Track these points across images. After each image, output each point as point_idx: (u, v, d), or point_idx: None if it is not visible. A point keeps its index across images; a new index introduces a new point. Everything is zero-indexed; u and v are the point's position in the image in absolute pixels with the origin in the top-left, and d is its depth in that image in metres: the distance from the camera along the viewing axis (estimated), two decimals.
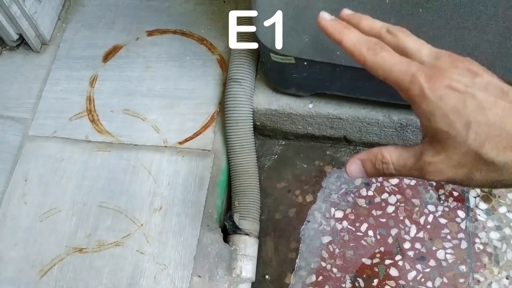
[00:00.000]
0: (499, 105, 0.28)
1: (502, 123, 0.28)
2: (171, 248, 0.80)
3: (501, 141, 0.28)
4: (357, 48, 0.33)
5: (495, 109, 0.28)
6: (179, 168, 0.86)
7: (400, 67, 0.31)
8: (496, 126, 0.28)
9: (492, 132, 0.28)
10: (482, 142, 0.28)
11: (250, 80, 0.88)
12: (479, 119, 0.28)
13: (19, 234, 0.83)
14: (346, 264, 0.86)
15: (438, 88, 0.29)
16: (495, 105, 0.28)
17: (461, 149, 0.29)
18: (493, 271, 0.84)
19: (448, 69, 0.30)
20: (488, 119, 0.28)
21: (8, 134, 0.93)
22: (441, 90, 0.29)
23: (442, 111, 0.29)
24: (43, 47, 1.02)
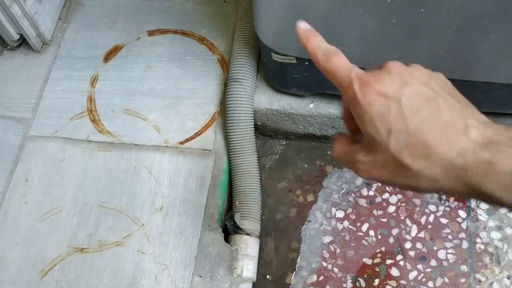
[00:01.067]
0: (420, 114, 0.29)
1: (419, 132, 0.29)
2: (172, 248, 0.80)
3: (416, 149, 0.29)
4: (314, 52, 0.36)
5: (416, 117, 0.29)
6: (180, 168, 0.86)
7: (343, 72, 0.33)
8: (413, 134, 0.29)
9: (410, 140, 0.29)
10: (401, 149, 0.30)
11: (251, 80, 0.88)
12: (399, 127, 0.30)
13: (20, 234, 0.83)
14: (347, 264, 0.86)
15: (368, 94, 0.31)
16: (416, 113, 0.29)
17: (384, 154, 0.31)
18: (494, 271, 0.84)
19: (383, 76, 0.31)
20: (408, 127, 0.29)
21: (9, 134, 0.93)
22: (371, 96, 0.31)
23: (370, 115, 0.31)
24: (44, 47, 1.02)
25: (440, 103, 0.30)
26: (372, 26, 0.65)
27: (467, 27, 0.62)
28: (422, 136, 0.29)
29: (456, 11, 0.60)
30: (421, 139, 0.29)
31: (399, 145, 0.30)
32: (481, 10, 0.59)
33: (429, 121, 0.29)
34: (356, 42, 0.69)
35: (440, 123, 0.29)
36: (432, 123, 0.29)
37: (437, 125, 0.29)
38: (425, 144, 0.29)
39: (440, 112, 0.30)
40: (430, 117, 0.29)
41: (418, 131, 0.29)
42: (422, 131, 0.29)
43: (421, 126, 0.29)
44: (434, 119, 0.29)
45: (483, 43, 0.64)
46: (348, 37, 0.68)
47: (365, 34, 0.67)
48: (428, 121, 0.29)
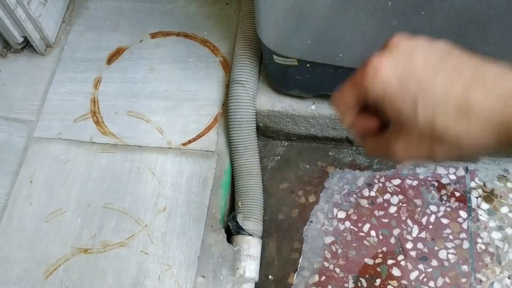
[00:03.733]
0: (443, 69, 0.27)
1: (446, 91, 0.27)
2: (175, 249, 0.81)
3: (448, 112, 0.27)
4: None
5: (439, 76, 0.27)
6: (183, 169, 0.87)
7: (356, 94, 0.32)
8: (440, 96, 0.27)
9: (439, 104, 0.27)
10: (432, 118, 0.28)
11: (253, 82, 0.89)
12: (424, 96, 0.27)
13: (25, 235, 0.84)
14: (349, 264, 0.87)
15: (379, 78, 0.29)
16: (436, 76, 0.27)
17: (417, 128, 0.29)
18: (495, 271, 0.84)
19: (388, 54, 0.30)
20: (433, 90, 0.27)
21: (13, 136, 0.94)
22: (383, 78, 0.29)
23: (388, 96, 0.29)
24: (47, 50, 1.03)
25: (457, 54, 0.28)
26: (373, 28, 0.66)
27: (466, 29, 0.62)
28: (450, 95, 0.26)
29: (455, 14, 0.60)
30: (450, 98, 0.26)
31: (429, 113, 0.27)
32: (480, 13, 0.60)
33: (454, 76, 0.27)
34: (357, 45, 0.69)
35: (467, 75, 0.27)
36: (457, 77, 0.27)
37: (464, 78, 0.27)
38: (457, 103, 0.26)
39: (462, 64, 0.27)
40: (454, 71, 0.27)
41: (444, 90, 0.27)
42: (449, 89, 0.27)
43: (446, 83, 0.27)
44: (458, 73, 0.27)
45: (482, 45, 0.65)
46: (349, 39, 0.69)
47: (366, 36, 0.68)
48: (453, 76, 0.27)
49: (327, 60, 0.74)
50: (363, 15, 0.64)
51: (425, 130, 0.28)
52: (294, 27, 0.70)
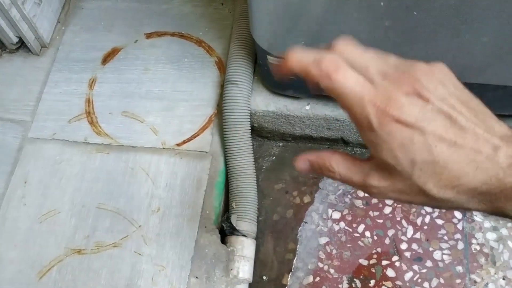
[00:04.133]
0: (445, 141, 0.28)
1: (445, 162, 0.28)
2: (169, 249, 0.81)
3: (442, 179, 0.28)
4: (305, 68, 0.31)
5: (441, 146, 0.28)
6: (177, 170, 0.87)
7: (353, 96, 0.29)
8: (440, 164, 0.28)
9: (436, 170, 0.28)
10: (426, 179, 0.28)
11: (247, 82, 0.89)
12: (424, 158, 0.28)
13: (19, 235, 0.84)
14: (343, 265, 0.87)
15: (387, 124, 0.28)
16: (441, 141, 0.28)
17: (405, 182, 0.29)
18: (489, 272, 0.84)
19: (397, 96, 0.28)
20: (433, 157, 0.28)
21: (8, 136, 0.94)
22: (390, 125, 0.28)
23: (389, 146, 0.28)
24: (42, 50, 1.03)
25: (461, 122, 0.28)
26: (366, 29, 0.66)
27: (459, 29, 0.62)
28: (448, 166, 0.28)
29: (448, 14, 0.60)
30: (447, 169, 0.28)
31: (424, 176, 0.28)
32: (473, 13, 0.60)
33: (454, 149, 0.28)
34: None
35: (466, 149, 0.28)
36: (457, 151, 0.28)
37: (463, 152, 0.28)
38: (451, 175, 0.28)
39: (465, 136, 0.28)
40: (456, 144, 0.28)
41: (444, 161, 0.28)
42: (448, 160, 0.28)
43: (447, 155, 0.28)
44: (460, 146, 0.28)
45: (475, 46, 0.65)
46: None
47: (359, 37, 0.67)
48: (453, 148, 0.28)
49: None
50: (356, 15, 0.63)
51: (415, 186, 0.29)
52: (287, 27, 0.70)
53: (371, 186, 0.31)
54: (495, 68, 0.69)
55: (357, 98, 0.29)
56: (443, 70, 0.31)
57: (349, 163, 0.33)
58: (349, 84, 0.29)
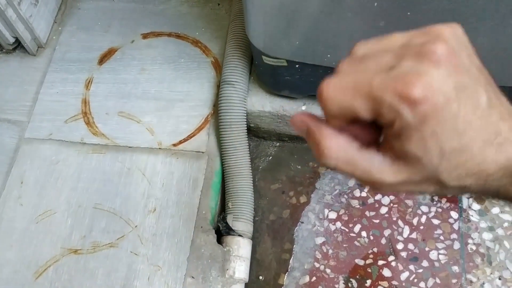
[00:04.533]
0: (474, 124, 0.25)
1: (471, 149, 0.25)
2: (165, 250, 0.81)
3: (466, 168, 0.26)
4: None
5: (470, 131, 0.25)
6: (173, 170, 0.87)
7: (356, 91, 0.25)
8: (466, 152, 0.25)
9: (462, 159, 0.25)
10: (451, 171, 0.26)
11: (243, 83, 0.89)
12: (454, 145, 0.25)
13: (15, 235, 0.84)
14: (340, 264, 0.87)
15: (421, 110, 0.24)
16: (471, 125, 0.25)
17: (428, 174, 0.26)
18: (485, 272, 0.84)
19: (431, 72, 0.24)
20: (462, 144, 0.25)
21: (4, 136, 0.94)
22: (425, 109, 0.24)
23: (421, 134, 0.24)
24: (39, 50, 1.03)
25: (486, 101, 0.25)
26: (361, 29, 0.66)
27: None
28: (473, 152, 0.25)
29: (442, 14, 0.60)
30: (472, 156, 0.25)
31: (450, 167, 0.25)
32: (467, 13, 0.60)
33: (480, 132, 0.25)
34: (345, 45, 0.69)
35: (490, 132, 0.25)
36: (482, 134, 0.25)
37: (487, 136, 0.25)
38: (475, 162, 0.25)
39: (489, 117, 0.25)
40: (481, 127, 0.25)
41: (471, 148, 0.25)
42: (473, 146, 0.25)
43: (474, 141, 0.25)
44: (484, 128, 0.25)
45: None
46: (337, 40, 0.69)
47: (354, 37, 0.67)
48: (479, 132, 0.25)
49: (315, 60, 0.74)
50: (350, 16, 0.64)
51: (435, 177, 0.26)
52: (282, 28, 0.70)
53: (383, 182, 0.27)
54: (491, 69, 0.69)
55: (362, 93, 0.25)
56: (461, 32, 0.27)
57: (353, 152, 0.27)
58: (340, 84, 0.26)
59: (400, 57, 0.25)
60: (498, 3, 0.57)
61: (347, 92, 0.25)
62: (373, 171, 0.27)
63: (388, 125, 0.25)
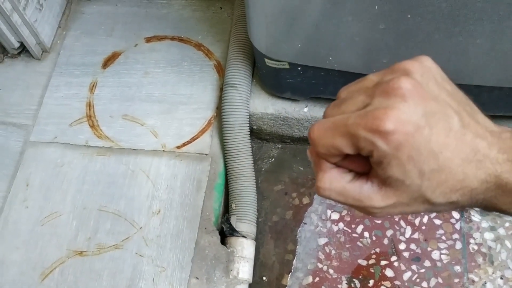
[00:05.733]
0: (449, 145, 0.27)
1: (450, 167, 0.27)
2: (169, 251, 0.82)
3: (448, 185, 0.28)
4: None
5: (445, 152, 0.27)
6: (177, 172, 0.88)
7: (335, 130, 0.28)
8: (446, 171, 0.27)
9: (442, 178, 0.27)
10: (434, 189, 0.28)
11: (246, 85, 0.90)
12: (432, 166, 0.27)
13: (21, 237, 0.85)
14: (342, 265, 0.88)
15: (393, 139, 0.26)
16: (445, 147, 0.27)
17: (412, 194, 0.28)
18: (487, 271, 0.85)
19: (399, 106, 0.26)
20: (440, 165, 0.27)
21: (10, 140, 0.95)
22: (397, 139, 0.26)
23: (398, 161, 0.27)
24: (43, 55, 1.04)
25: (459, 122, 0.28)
26: (362, 32, 0.67)
27: (453, 32, 0.63)
28: (452, 171, 0.27)
29: (442, 17, 0.61)
30: (452, 174, 0.27)
31: (433, 185, 0.27)
32: (466, 15, 0.61)
33: (457, 152, 0.27)
34: (347, 48, 0.70)
35: (467, 151, 0.27)
36: (460, 154, 0.27)
37: (464, 154, 0.27)
38: (456, 180, 0.27)
39: (464, 137, 0.27)
40: (457, 148, 0.27)
41: (449, 167, 0.27)
42: (452, 166, 0.27)
43: (452, 160, 0.27)
44: (461, 148, 0.27)
45: (470, 48, 0.66)
46: (339, 43, 0.70)
47: (354, 39, 0.68)
48: (456, 152, 0.27)
49: (317, 63, 0.75)
50: (351, 19, 0.65)
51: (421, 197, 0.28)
52: (284, 31, 0.71)
53: (374, 207, 0.29)
54: (490, 70, 0.70)
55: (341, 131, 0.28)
56: (429, 62, 0.30)
57: (344, 183, 0.30)
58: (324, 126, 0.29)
59: (372, 96, 0.28)
60: (497, 5, 0.58)
61: (328, 132, 0.28)
62: (363, 198, 0.29)
63: (369, 156, 0.28)
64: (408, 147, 0.26)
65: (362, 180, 0.30)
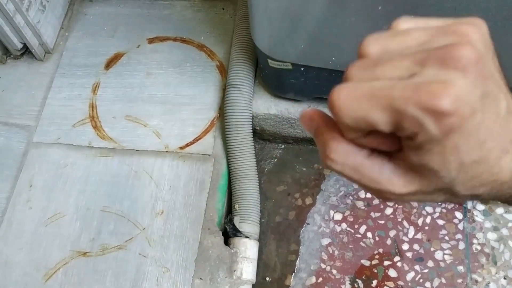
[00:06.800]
0: (494, 135, 0.24)
1: (489, 159, 0.24)
2: (172, 251, 0.82)
3: (482, 178, 0.24)
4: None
5: (490, 141, 0.23)
6: (180, 173, 0.88)
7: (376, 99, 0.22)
8: (485, 162, 0.24)
9: (480, 170, 0.24)
10: (467, 182, 0.24)
11: (249, 86, 0.90)
12: (473, 158, 0.23)
13: (25, 238, 0.85)
14: (345, 265, 0.88)
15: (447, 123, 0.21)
16: (491, 136, 0.23)
17: (441, 186, 0.25)
18: (490, 271, 0.85)
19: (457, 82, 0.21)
20: (481, 155, 0.23)
21: (13, 141, 0.95)
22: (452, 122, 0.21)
23: (442, 149, 0.22)
24: (46, 56, 1.04)
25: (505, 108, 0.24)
26: (365, 32, 0.67)
27: None
28: (490, 163, 0.24)
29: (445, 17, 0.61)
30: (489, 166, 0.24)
31: (466, 179, 0.24)
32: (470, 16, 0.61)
33: (498, 142, 0.24)
34: (350, 48, 0.70)
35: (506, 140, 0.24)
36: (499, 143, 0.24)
37: (503, 145, 0.24)
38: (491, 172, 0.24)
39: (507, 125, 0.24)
40: (499, 135, 0.24)
41: (488, 158, 0.24)
42: (490, 156, 0.24)
43: (492, 150, 0.24)
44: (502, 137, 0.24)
45: None
46: (342, 43, 0.70)
47: (358, 40, 0.68)
48: (497, 141, 0.24)
49: (320, 63, 0.75)
50: (354, 19, 0.65)
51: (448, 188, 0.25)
52: (287, 32, 0.71)
53: (392, 192, 0.25)
54: None
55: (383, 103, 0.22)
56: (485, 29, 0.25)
57: (361, 159, 0.25)
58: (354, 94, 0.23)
59: (422, 63, 0.22)
60: (500, 5, 0.58)
61: (363, 102, 0.22)
62: (382, 180, 0.25)
63: (407, 137, 0.23)
64: (458, 133, 0.22)
65: (383, 158, 0.25)
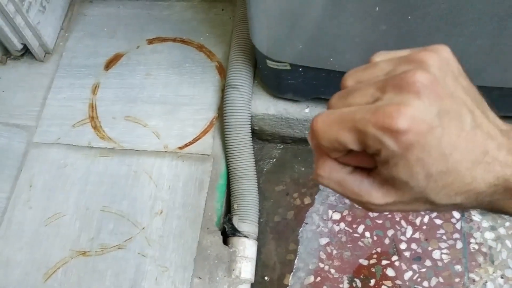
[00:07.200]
0: (459, 147, 0.25)
1: (458, 169, 0.26)
2: (171, 251, 0.82)
3: (454, 188, 0.26)
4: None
5: (456, 153, 0.25)
6: (179, 173, 0.89)
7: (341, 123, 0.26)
8: (453, 173, 0.26)
9: (449, 180, 0.26)
10: (439, 191, 0.26)
11: (247, 86, 0.90)
12: (440, 168, 0.25)
13: (25, 238, 0.86)
14: (344, 265, 0.88)
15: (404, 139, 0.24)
16: (455, 148, 0.25)
17: (416, 196, 0.27)
18: (488, 271, 0.85)
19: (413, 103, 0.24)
20: (448, 167, 0.25)
21: (13, 141, 0.96)
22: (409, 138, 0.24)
23: (406, 162, 0.25)
24: (46, 56, 1.05)
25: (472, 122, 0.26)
26: (363, 33, 0.68)
27: (453, 32, 0.64)
28: (460, 173, 0.26)
29: (442, 18, 0.62)
30: (460, 176, 0.26)
31: (438, 187, 0.26)
32: (466, 17, 0.61)
33: (466, 153, 0.25)
34: (348, 49, 0.71)
35: (477, 152, 0.26)
36: (469, 155, 0.25)
37: (474, 156, 0.26)
38: (463, 182, 0.26)
39: (475, 138, 0.26)
40: (467, 148, 0.25)
41: (457, 169, 0.25)
42: (460, 168, 0.25)
43: (461, 162, 0.25)
44: (471, 149, 0.25)
45: (470, 48, 0.66)
46: (340, 44, 0.70)
47: (355, 41, 0.69)
48: (465, 153, 0.25)
49: (318, 64, 0.76)
50: (352, 20, 0.65)
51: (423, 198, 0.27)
52: (285, 33, 0.71)
53: (372, 203, 0.28)
54: (490, 70, 0.71)
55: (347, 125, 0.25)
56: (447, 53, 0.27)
57: (344, 175, 0.28)
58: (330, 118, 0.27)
59: (383, 89, 0.25)
60: (497, 6, 0.59)
61: (334, 126, 0.26)
62: (362, 193, 0.28)
63: (375, 154, 0.26)
64: (418, 148, 0.24)
65: (362, 174, 0.28)
